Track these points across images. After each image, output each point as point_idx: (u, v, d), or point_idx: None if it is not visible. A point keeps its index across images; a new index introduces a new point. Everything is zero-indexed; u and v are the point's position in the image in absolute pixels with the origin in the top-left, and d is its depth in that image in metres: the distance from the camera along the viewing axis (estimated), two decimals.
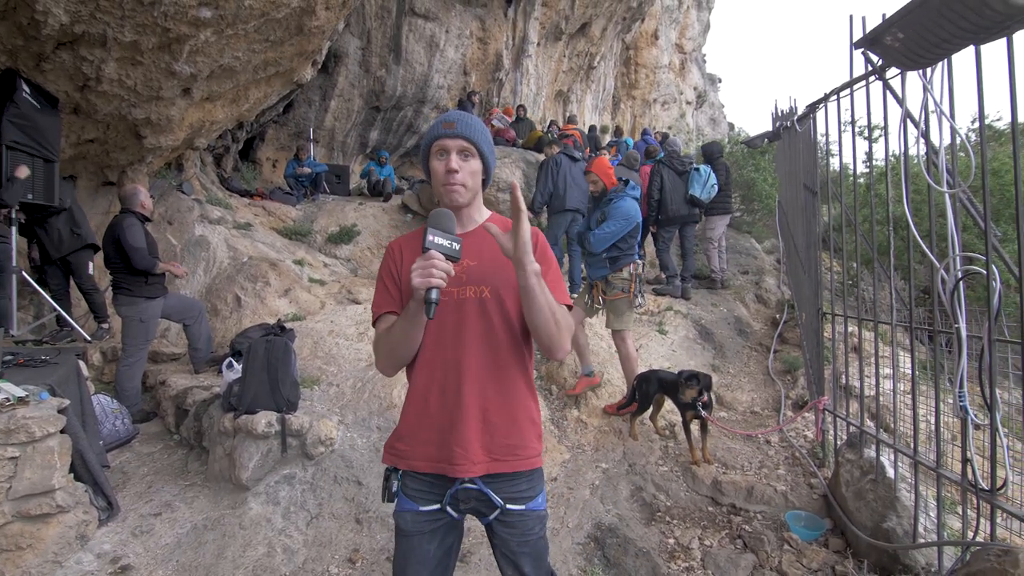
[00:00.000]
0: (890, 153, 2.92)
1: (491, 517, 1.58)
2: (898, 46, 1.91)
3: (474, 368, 1.54)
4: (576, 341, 4.41)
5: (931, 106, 2.29)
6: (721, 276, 7.19)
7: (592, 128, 13.09)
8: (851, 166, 3.31)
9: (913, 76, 2.50)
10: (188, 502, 3.31)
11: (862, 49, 2.31)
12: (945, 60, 2.18)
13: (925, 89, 2.22)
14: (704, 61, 23.83)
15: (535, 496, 1.61)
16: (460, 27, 10.94)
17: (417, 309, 1.43)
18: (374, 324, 1.65)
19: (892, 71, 2.68)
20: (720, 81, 25.61)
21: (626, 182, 4.32)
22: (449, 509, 1.57)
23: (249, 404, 3.54)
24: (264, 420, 3.42)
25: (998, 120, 9.05)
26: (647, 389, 3.93)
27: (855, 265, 3.91)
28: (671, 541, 3.08)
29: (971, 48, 2.07)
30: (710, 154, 7.20)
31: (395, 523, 1.62)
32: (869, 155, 3.59)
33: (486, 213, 1.72)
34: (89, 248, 5.03)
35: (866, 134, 4.72)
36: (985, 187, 2.15)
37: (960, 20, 1.62)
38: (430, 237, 1.38)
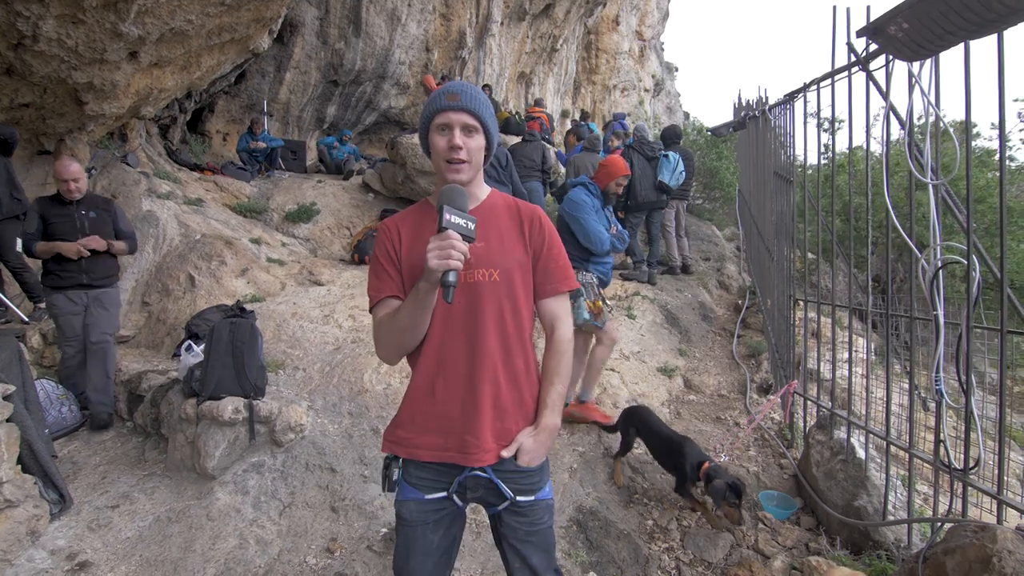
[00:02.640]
0: (868, 145, 3.00)
1: (500, 507, 1.54)
2: (901, 36, 1.94)
3: (487, 353, 1.48)
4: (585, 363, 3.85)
5: (918, 98, 2.34)
6: (679, 263, 7.22)
7: (583, 118, 12.74)
8: (832, 156, 3.39)
9: (898, 69, 2.56)
10: (148, 493, 3.12)
11: (863, 37, 2.33)
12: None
13: (914, 81, 2.26)
14: (662, 49, 24.06)
15: (544, 485, 1.58)
16: (423, 1, 10.60)
17: (428, 291, 1.36)
18: (371, 310, 1.56)
19: (875, 63, 2.73)
20: (677, 70, 25.97)
21: None
22: (455, 497, 1.53)
23: (213, 389, 3.36)
24: (231, 406, 3.25)
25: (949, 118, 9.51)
26: (627, 429, 3.39)
27: (814, 257, 4.03)
28: (650, 522, 3.11)
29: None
30: (666, 138, 7.05)
31: (396, 512, 1.56)
32: (849, 145, 3.68)
33: (487, 189, 1.65)
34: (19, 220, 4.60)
35: (836, 126, 4.84)
36: (968, 178, 2.23)
37: (967, 13, 1.64)
38: (447, 216, 1.30)
